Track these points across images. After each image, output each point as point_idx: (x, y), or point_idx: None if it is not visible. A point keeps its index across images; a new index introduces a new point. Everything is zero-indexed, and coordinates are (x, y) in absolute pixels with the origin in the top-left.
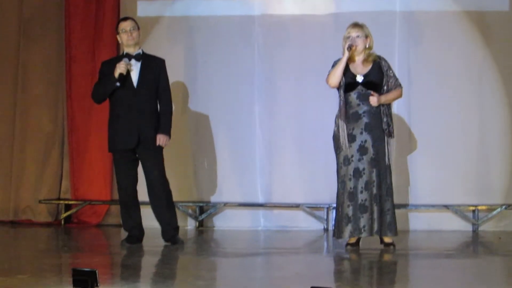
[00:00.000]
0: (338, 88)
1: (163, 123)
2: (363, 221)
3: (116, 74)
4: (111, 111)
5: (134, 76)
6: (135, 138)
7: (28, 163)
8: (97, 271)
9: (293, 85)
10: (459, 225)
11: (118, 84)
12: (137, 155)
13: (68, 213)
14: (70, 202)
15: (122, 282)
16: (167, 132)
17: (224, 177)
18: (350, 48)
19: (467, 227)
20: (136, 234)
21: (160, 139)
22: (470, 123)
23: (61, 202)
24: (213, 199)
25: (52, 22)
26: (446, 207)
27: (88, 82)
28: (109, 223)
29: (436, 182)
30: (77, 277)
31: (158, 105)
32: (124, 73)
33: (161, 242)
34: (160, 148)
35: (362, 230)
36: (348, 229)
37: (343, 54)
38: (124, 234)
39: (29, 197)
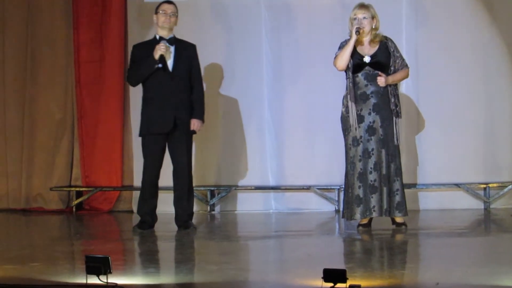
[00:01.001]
0: (346, 70)
1: (197, 108)
2: (373, 201)
3: (157, 56)
4: (145, 95)
5: (169, 60)
6: (171, 122)
7: (39, 150)
8: (110, 258)
9: (301, 68)
10: (470, 203)
11: (160, 65)
12: (167, 141)
13: (80, 200)
14: (81, 189)
15: (135, 268)
16: (201, 117)
17: (235, 161)
18: (358, 31)
19: (479, 205)
20: (148, 220)
21: (195, 124)
22: (478, 101)
23: (72, 189)
24: (224, 182)
25: (59, 9)
26: (457, 185)
27: (97, 68)
28: (120, 209)
29: (446, 160)
30: (90, 264)
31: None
32: (165, 54)
33: (174, 228)
34: (191, 134)
35: (372, 211)
36: (359, 210)
37: (350, 36)
38: (135, 220)
39: (40, 185)
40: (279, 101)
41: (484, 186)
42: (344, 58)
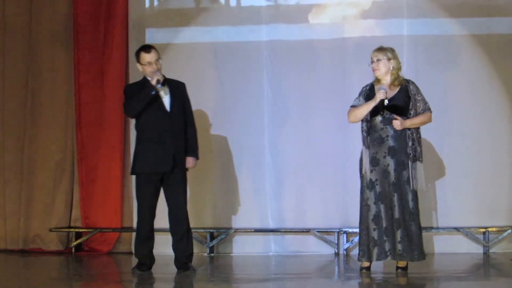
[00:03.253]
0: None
1: (191, 145)
2: (388, 244)
3: (154, 81)
4: (141, 134)
5: (166, 101)
6: (170, 162)
7: (38, 191)
8: None
9: (302, 110)
10: (470, 247)
11: (154, 92)
12: (162, 181)
13: (79, 241)
14: (81, 230)
15: None
16: (196, 154)
17: (234, 203)
18: (382, 101)
19: (478, 249)
20: (147, 261)
21: (190, 162)
22: (478, 146)
23: (72, 230)
24: (224, 225)
25: (61, 49)
26: (457, 229)
27: (97, 109)
28: (120, 251)
29: (447, 205)
30: None
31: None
32: (161, 80)
33: (173, 269)
34: (186, 174)
35: (388, 254)
36: (375, 252)
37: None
38: (135, 261)
39: (39, 226)
40: (280, 144)
41: (484, 230)
42: (359, 117)
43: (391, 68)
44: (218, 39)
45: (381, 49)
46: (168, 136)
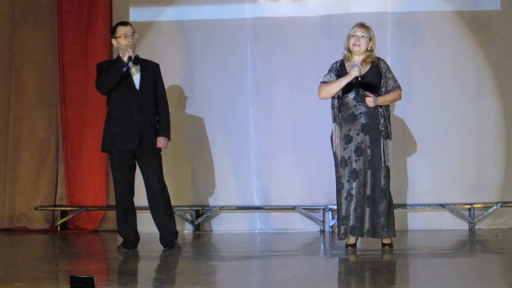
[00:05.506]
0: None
1: (163, 125)
2: (355, 222)
3: (125, 58)
4: (110, 111)
5: (136, 79)
6: (136, 140)
7: (23, 170)
8: (94, 278)
9: (287, 87)
10: (455, 224)
11: (125, 68)
12: (135, 160)
13: (64, 219)
14: (66, 209)
15: None
16: (167, 135)
17: (220, 181)
18: (357, 79)
19: (464, 225)
20: (132, 239)
21: (161, 141)
22: (465, 122)
23: (57, 208)
24: (209, 202)
25: (44, 28)
26: (442, 206)
27: (82, 88)
28: (105, 229)
29: (432, 181)
30: (74, 284)
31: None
32: (133, 57)
33: (158, 247)
34: (159, 152)
35: (355, 232)
36: (343, 229)
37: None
38: (120, 239)
39: (24, 204)
40: (265, 122)
41: (469, 206)
42: (331, 93)
43: (369, 48)
44: (202, 17)
45: (366, 27)
46: (135, 114)
